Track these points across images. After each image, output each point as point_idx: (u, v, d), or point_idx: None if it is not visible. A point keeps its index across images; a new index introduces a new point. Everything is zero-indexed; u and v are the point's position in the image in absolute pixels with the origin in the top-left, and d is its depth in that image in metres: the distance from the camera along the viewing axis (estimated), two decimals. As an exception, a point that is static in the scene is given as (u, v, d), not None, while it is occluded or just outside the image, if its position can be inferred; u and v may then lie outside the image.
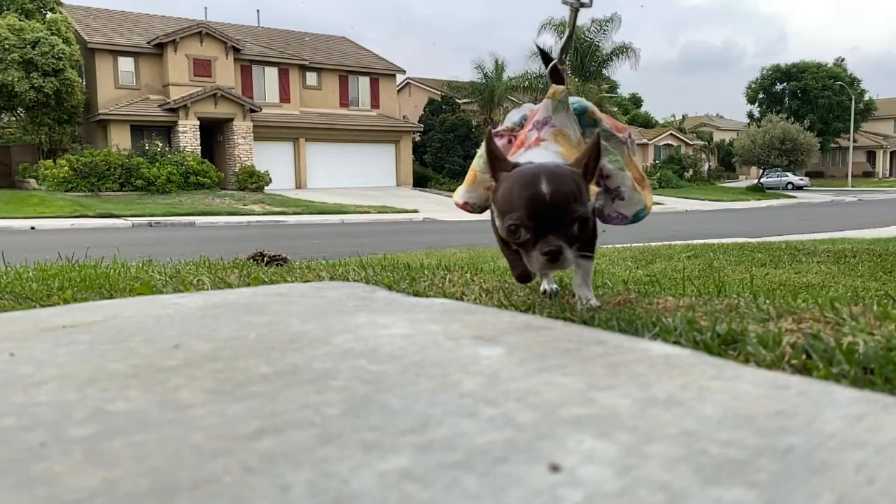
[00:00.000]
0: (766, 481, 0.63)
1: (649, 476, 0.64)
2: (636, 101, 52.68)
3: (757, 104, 53.20)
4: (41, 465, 0.69)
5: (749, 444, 0.71)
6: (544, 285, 2.14)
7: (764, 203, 29.97)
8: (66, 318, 1.40)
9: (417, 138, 32.59)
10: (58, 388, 0.93)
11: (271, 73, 29.23)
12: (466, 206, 1.98)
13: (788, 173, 41.61)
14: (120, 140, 25.06)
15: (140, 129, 25.80)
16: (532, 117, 1.82)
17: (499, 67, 32.57)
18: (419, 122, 33.34)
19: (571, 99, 1.84)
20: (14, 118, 26.12)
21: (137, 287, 2.10)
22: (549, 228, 1.44)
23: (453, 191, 2.07)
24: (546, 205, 1.44)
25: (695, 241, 8.32)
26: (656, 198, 29.94)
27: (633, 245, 7.54)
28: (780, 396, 0.86)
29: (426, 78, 40.54)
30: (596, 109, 1.92)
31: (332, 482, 0.64)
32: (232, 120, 26.60)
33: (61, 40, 23.21)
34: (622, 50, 32.40)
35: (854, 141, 49.62)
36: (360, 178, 29.40)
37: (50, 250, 4.05)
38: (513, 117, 1.98)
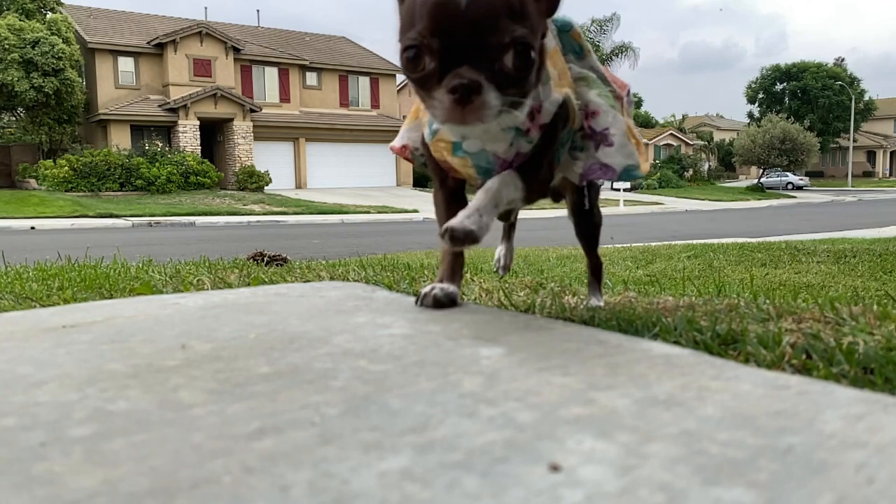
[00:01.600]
0: (766, 481, 0.63)
1: (649, 476, 0.64)
2: (636, 101, 52.68)
3: (757, 104, 53.22)
4: (41, 465, 0.69)
5: (749, 444, 0.71)
6: (498, 253, 1.94)
7: (764, 203, 29.97)
8: (66, 318, 1.40)
9: (417, 138, 32.55)
10: (58, 388, 0.93)
11: (271, 73, 29.24)
12: (405, 152, 1.59)
13: (788, 173, 41.61)
14: (120, 140, 25.08)
15: (140, 129, 25.82)
16: None
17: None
18: (419, 121, 33.29)
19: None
20: (14, 118, 26.14)
21: (137, 287, 2.10)
22: (463, 53, 1.06)
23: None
24: (460, 14, 1.05)
25: (695, 241, 8.32)
26: (656, 198, 30.09)
27: (633, 245, 7.54)
28: (780, 396, 0.86)
29: (426, 78, 40.46)
30: (584, 39, 1.52)
31: (332, 482, 0.64)
32: (232, 120, 26.60)
33: (61, 40, 23.23)
34: (622, 49, 32.42)
35: (854, 141, 49.65)
36: (359, 178, 29.42)
37: (50, 250, 4.05)
38: None
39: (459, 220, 1.22)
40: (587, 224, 1.71)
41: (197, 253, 3.51)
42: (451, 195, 1.46)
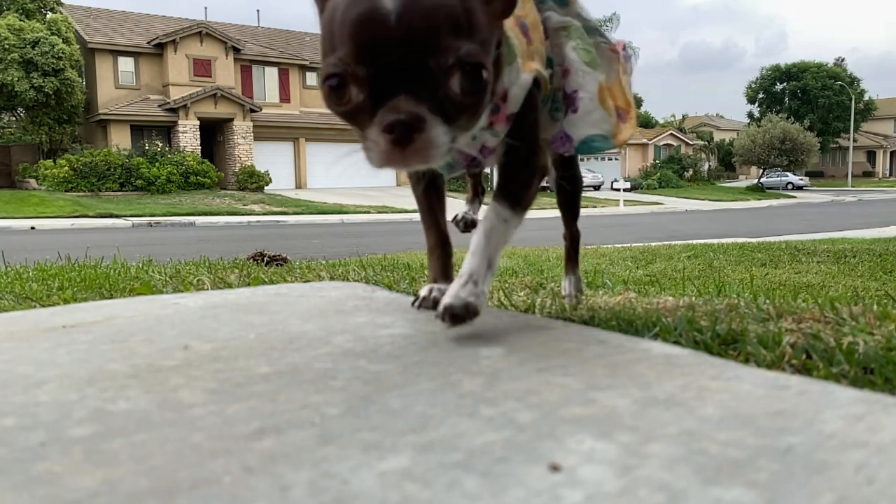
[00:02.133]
0: (766, 481, 0.63)
1: (649, 476, 0.64)
2: (636, 100, 52.62)
3: (757, 104, 53.21)
4: (41, 465, 0.69)
5: (749, 444, 0.71)
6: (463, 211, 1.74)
7: (764, 203, 29.97)
8: (66, 318, 1.40)
9: (417, 138, 32.54)
10: (58, 388, 0.93)
11: (271, 73, 29.24)
12: None
13: (788, 173, 41.62)
14: (120, 140, 25.09)
15: (140, 129, 25.83)
16: None
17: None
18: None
19: None
20: (14, 118, 26.14)
21: (137, 287, 2.10)
22: (398, 81, 0.88)
23: (453, 190, 2.04)
24: (390, 33, 0.85)
25: (695, 241, 8.32)
26: (656, 198, 30.06)
27: (633, 245, 7.54)
28: (780, 396, 0.86)
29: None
30: None
31: (332, 482, 0.64)
32: (232, 120, 26.61)
33: (61, 40, 23.25)
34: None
35: (854, 141, 49.66)
36: (359, 178, 29.41)
37: (50, 250, 4.05)
38: None
39: (454, 294, 1.12)
40: (571, 193, 1.64)
41: (197, 253, 3.51)
42: (427, 189, 1.39)
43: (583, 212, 1.77)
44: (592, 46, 1.33)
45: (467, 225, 1.76)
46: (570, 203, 1.68)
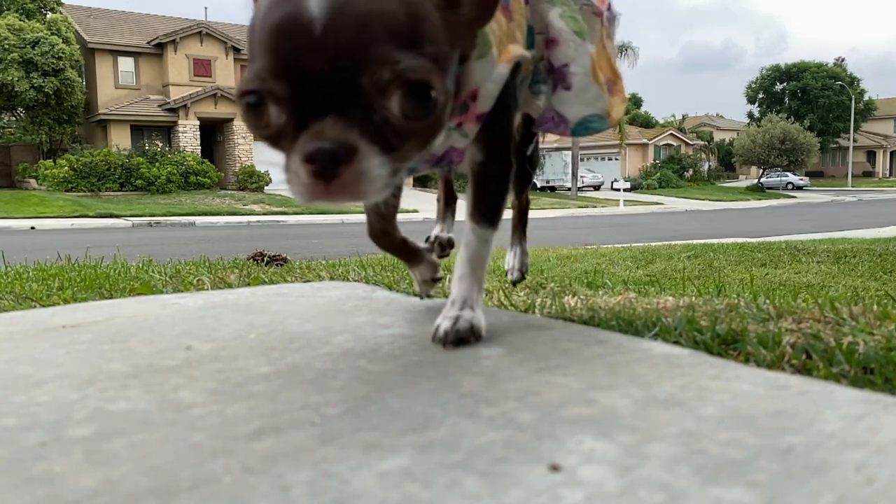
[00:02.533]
0: (766, 481, 0.63)
1: (649, 476, 0.64)
2: (636, 101, 52.68)
3: (757, 104, 53.22)
4: (41, 465, 0.69)
5: (749, 444, 0.71)
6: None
7: (764, 203, 29.97)
8: (66, 318, 1.40)
9: (417, 138, 32.54)
10: (58, 388, 0.93)
11: (271, 73, 29.22)
12: None
13: (788, 173, 41.62)
14: (120, 140, 25.10)
15: (140, 129, 25.84)
16: None
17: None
18: (419, 121, 33.27)
19: None
20: (14, 118, 26.15)
21: (137, 287, 2.10)
22: (324, 100, 0.74)
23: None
24: (315, 44, 0.73)
25: (695, 241, 8.32)
26: (656, 198, 30.07)
27: (633, 245, 7.54)
28: (780, 396, 0.86)
29: (426, 78, 40.44)
30: None
31: (332, 482, 0.64)
32: (232, 120, 26.60)
33: (61, 40, 23.26)
34: (621, 49, 32.40)
35: (854, 141, 49.66)
36: (359, 178, 29.36)
37: (50, 250, 4.05)
38: None
39: (451, 322, 1.09)
40: (527, 169, 1.52)
41: (197, 253, 3.51)
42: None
43: (583, 212, 1.76)
44: (578, 13, 1.20)
45: (443, 247, 1.60)
46: (526, 177, 1.58)
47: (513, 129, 1.15)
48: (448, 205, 1.70)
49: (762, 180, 41.19)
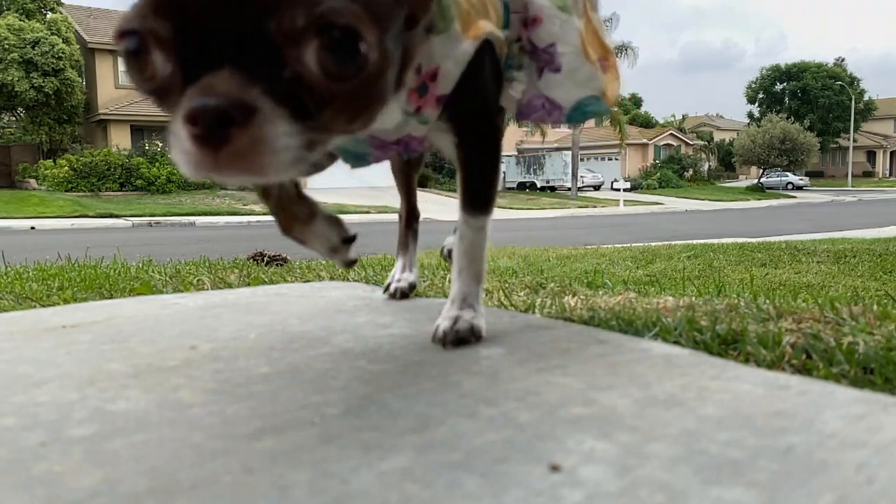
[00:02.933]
0: (766, 481, 0.63)
1: (649, 476, 0.64)
2: (636, 100, 52.66)
3: (757, 104, 53.21)
4: (41, 465, 0.69)
5: (749, 444, 0.71)
6: (395, 278, 1.43)
7: (764, 203, 29.96)
8: (66, 318, 1.40)
9: (417, 138, 32.53)
10: (58, 388, 0.93)
11: (271, 73, 29.23)
12: None
13: (788, 173, 41.62)
14: (120, 140, 25.10)
15: (140, 129, 25.83)
16: None
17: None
18: (419, 121, 33.27)
19: None
20: (14, 118, 26.16)
21: (137, 287, 2.10)
22: (219, 48, 0.60)
23: (453, 190, 2.00)
24: None
25: (695, 241, 8.32)
26: (656, 198, 30.06)
27: (633, 245, 7.54)
28: (780, 396, 0.86)
29: (426, 78, 40.44)
30: None
31: (332, 482, 0.64)
32: (232, 120, 26.61)
33: (61, 40, 23.26)
34: (621, 49, 32.41)
35: (854, 141, 49.65)
36: (359, 178, 29.41)
37: (50, 250, 4.05)
38: None
39: (450, 323, 1.07)
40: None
41: (197, 253, 3.50)
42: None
43: (583, 212, 1.76)
44: None
45: (404, 295, 1.49)
46: None
47: (496, 105, 1.04)
48: (409, 225, 1.54)
49: (762, 180, 41.18)
